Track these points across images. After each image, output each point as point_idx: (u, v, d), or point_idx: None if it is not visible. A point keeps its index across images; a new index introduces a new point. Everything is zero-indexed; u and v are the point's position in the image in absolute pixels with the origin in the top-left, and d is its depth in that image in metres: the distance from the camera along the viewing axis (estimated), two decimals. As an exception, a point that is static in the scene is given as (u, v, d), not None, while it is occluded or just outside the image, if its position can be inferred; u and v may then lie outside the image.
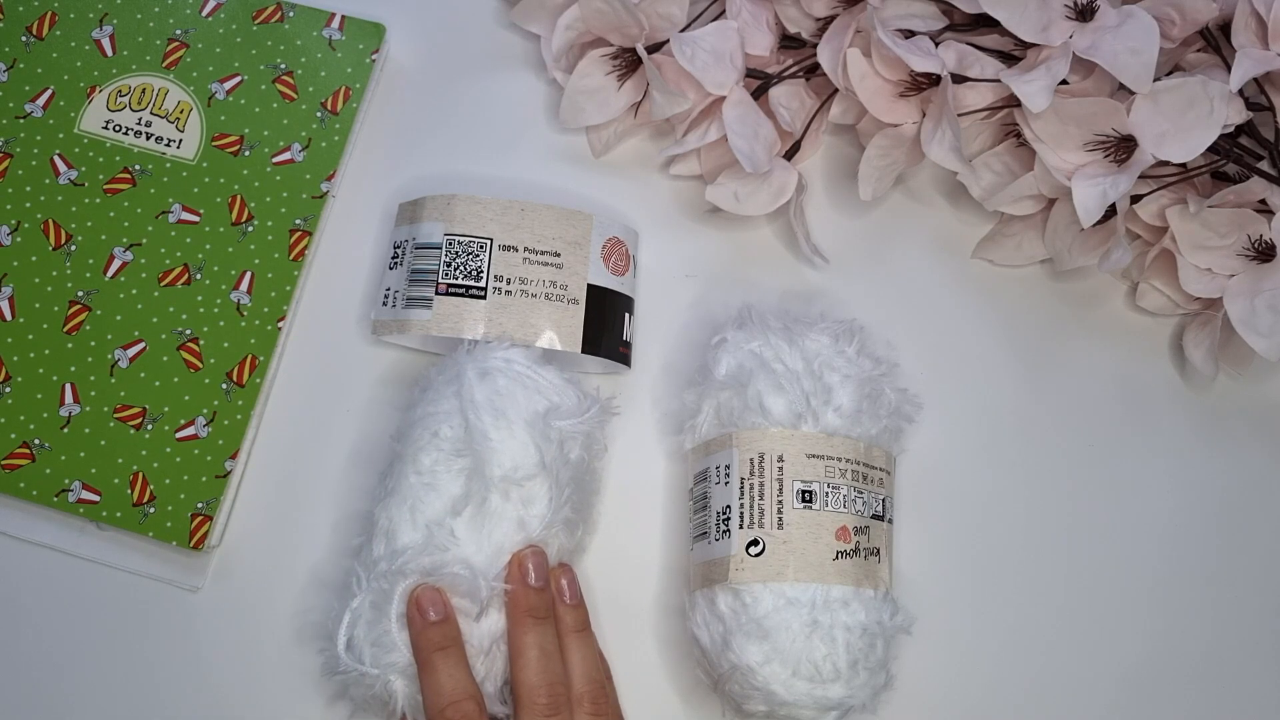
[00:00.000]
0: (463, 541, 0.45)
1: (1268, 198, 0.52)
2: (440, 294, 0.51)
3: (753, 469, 0.47)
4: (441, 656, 0.43)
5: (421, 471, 0.46)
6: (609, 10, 0.52)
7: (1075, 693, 0.51)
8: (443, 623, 0.44)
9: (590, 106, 0.56)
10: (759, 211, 0.54)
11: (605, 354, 0.52)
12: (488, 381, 0.47)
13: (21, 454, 0.51)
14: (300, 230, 0.55)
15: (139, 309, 0.53)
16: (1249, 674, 0.52)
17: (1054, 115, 0.50)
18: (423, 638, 0.44)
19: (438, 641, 0.43)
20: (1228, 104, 0.48)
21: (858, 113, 0.56)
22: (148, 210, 0.55)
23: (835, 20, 0.53)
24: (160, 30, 0.58)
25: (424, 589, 0.44)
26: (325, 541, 0.51)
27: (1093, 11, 0.50)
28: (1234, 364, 0.55)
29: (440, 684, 0.43)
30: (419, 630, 0.44)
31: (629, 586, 0.51)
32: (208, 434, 0.52)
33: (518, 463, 0.46)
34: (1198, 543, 0.54)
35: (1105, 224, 0.52)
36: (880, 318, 0.55)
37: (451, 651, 0.44)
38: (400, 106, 0.59)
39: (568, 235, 0.53)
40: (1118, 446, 0.55)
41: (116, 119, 0.56)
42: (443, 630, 0.44)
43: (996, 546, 0.53)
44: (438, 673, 0.43)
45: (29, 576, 0.51)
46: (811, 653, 0.45)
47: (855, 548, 0.47)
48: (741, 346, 0.50)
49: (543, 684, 0.43)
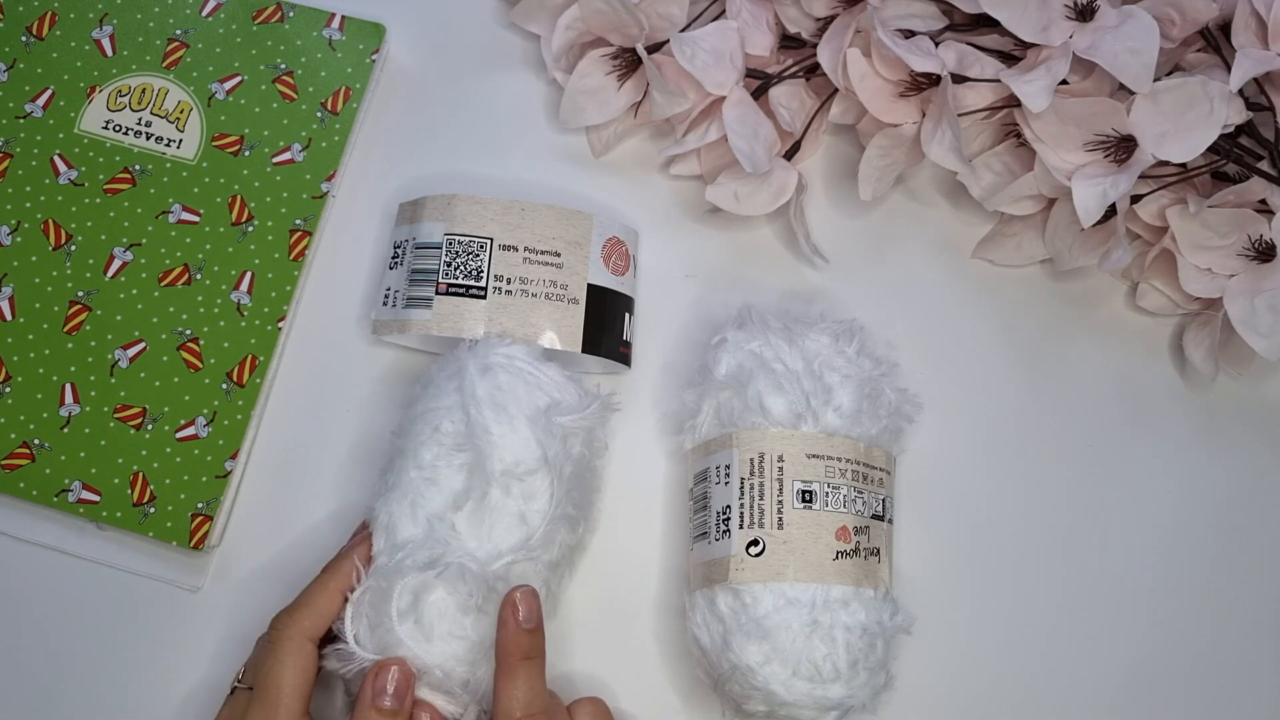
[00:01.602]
0: (463, 536, 0.45)
1: (1268, 198, 0.52)
2: (440, 294, 0.51)
3: (753, 469, 0.47)
4: (525, 665, 0.43)
5: (422, 466, 0.46)
6: (609, 10, 0.52)
7: (1075, 693, 0.51)
8: (534, 631, 0.44)
9: (590, 106, 0.56)
10: (759, 211, 0.54)
11: (605, 354, 0.52)
12: (489, 377, 0.47)
13: (21, 454, 0.51)
14: (300, 230, 0.55)
15: (139, 309, 0.53)
16: (1249, 674, 0.52)
17: (1054, 115, 0.50)
18: (513, 642, 0.43)
19: (526, 650, 0.43)
20: (1228, 104, 0.48)
21: (858, 113, 0.56)
22: (148, 210, 0.55)
23: (835, 20, 0.53)
24: (160, 30, 0.58)
25: (525, 592, 0.44)
26: (325, 541, 0.51)
27: (1093, 11, 0.50)
28: (1234, 364, 0.55)
29: (518, 693, 0.43)
30: (510, 633, 0.43)
31: (629, 586, 0.51)
32: (208, 434, 0.52)
33: (519, 458, 0.46)
34: (1197, 542, 0.54)
35: (1105, 224, 0.52)
36: (880, 318, 0.55)
37: (536, 662, 0.44)
38: (400, 106, 0.59)
39: (568, 235, 0.53)
40: (1118, 446, 0.55)
41: (116, 119, 0.56)
42: (533, 639, 0.44)
43: (996, 546, 0.53)
44: (518, 681, 0.43)
45: (29, 576, 0.51)
46: (811, 653, 0.45)
47: (855, 548, 0.47)
48: (741, 346, 0.50)
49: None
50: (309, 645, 0.44)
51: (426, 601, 0.44)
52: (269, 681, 0.43)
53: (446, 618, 0.44)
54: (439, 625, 0.44)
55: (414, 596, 0.44)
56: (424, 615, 0.44)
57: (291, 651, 0.43)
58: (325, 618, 0.45)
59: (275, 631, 0.44)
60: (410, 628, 0.44)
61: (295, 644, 0.44)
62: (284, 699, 0.43)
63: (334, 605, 0.45)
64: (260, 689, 0.43)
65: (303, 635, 0.44)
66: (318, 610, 0.45)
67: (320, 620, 0.45)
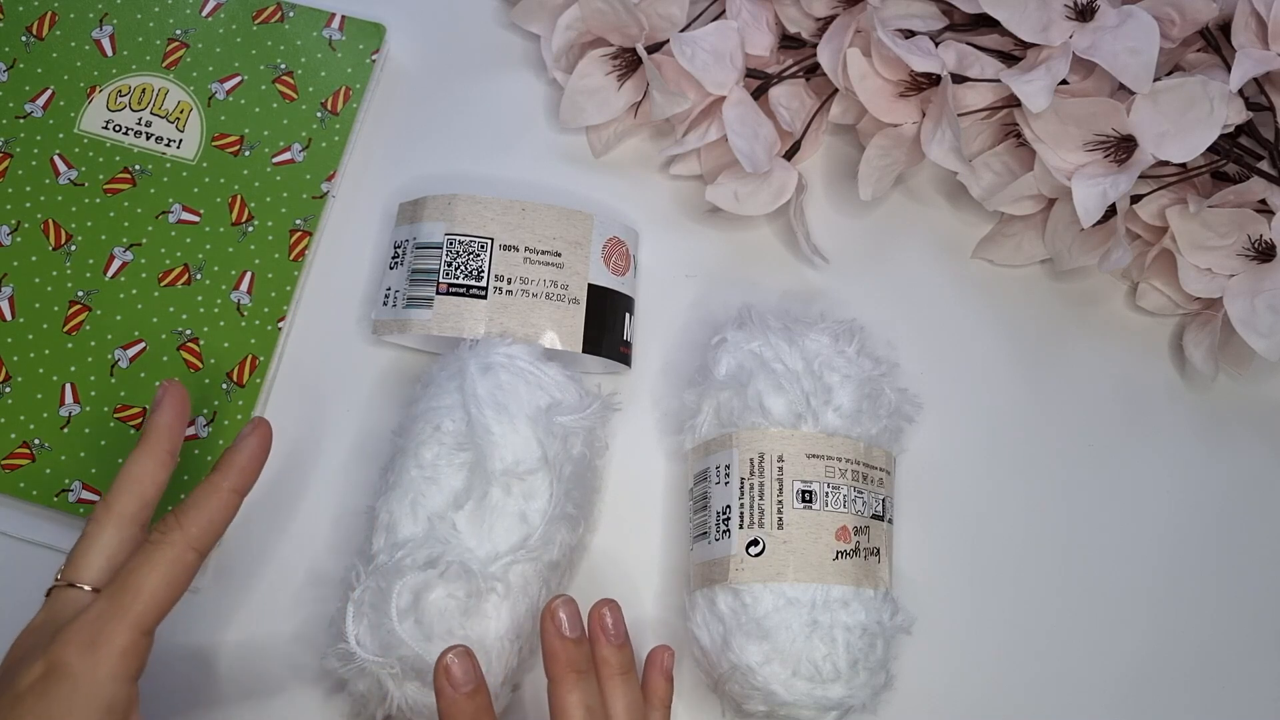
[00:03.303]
0: (464, 535, 0.45)
1: (1268, 198, 0.52)
2: (441, 293, 0.51)
3: (753, 469, 0.47)
4: (577, 678, 0.41)
5: (423, 465, 0.46)
6: (609, 10, 0.52)
7: (1075, 693, 0.51)
8: (580, 642, 0.42)
9: (590, 106, 0.56)
10: (759, 211, 0.54)
11: (606, 354, 0.52)
12: (490, 376, 0.47)
13: (21, 454, 0.51)
14: (300, 230, 0.55)
15: (139, 309, 0.53)
16: (1249, 674, 0.52)
17: (1054, 115, 0.50)
18: (564, 652, 0.41)
19: (578, 663, 0.42)
20: (1228, 104, 0.48)
21: (858, 113, 0.56)
22: (148, 210, 0.55)
23: (835, 20, 0.53)
24: (160, 30, 0.58)
25: (564, 601, 0.42)
26: (325, 541, 0.51)
27: (1093, 11, 0.50)
28: (1234, 364, 0.55)
29: (571, 708, 0.41)
30: (559, 644, 0.41)
31: (629, 586, 0.51)
32: (208, 434, 0.52)
33: (519, 457, 0.46)
34: (1197, 542, 0.54)
35: (1105, 224, 0.52)
36: (880, 318, 0.55)
37: (589, 676, 0.42)
38: (400, 106, 0.59)
39: (568, 235, 0.53)
40: (1118, 446, 0.55)
41: (116, 119, 0.56)
42: (583, 650, 0.42)
43: (996, 546, 0.53)
44: (573, 694, 0.41)
45: (29, 576, 0.51)
46: (811, 653, 0.45)
47: (855, 548, 0.47)
48: (741, 346, 0.50)
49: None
50: (192, 556, 0.39)
51: (426, 600, 0.44)
52: (130, 583, 0.38)
53: (446, 617, 0.44)
54: (439, 624, 0.44)
55: (414, 596, 0.44)
56: (424, 614, 0.44)
57: (171, 559, 0.38)
58: (218, 526, 0.40)
59: (159, 533, 0.39)
60: (410, 627, 0.44)
61: (177, 551, 0.38)
62: (140, 606, 0.37)
63: (229, 512, 0.41)
64: (116, 589, 0.38)
65: (188, 544, 0.39)
66: (210, 517, 0.40)
67: (213, 530, 0.40)
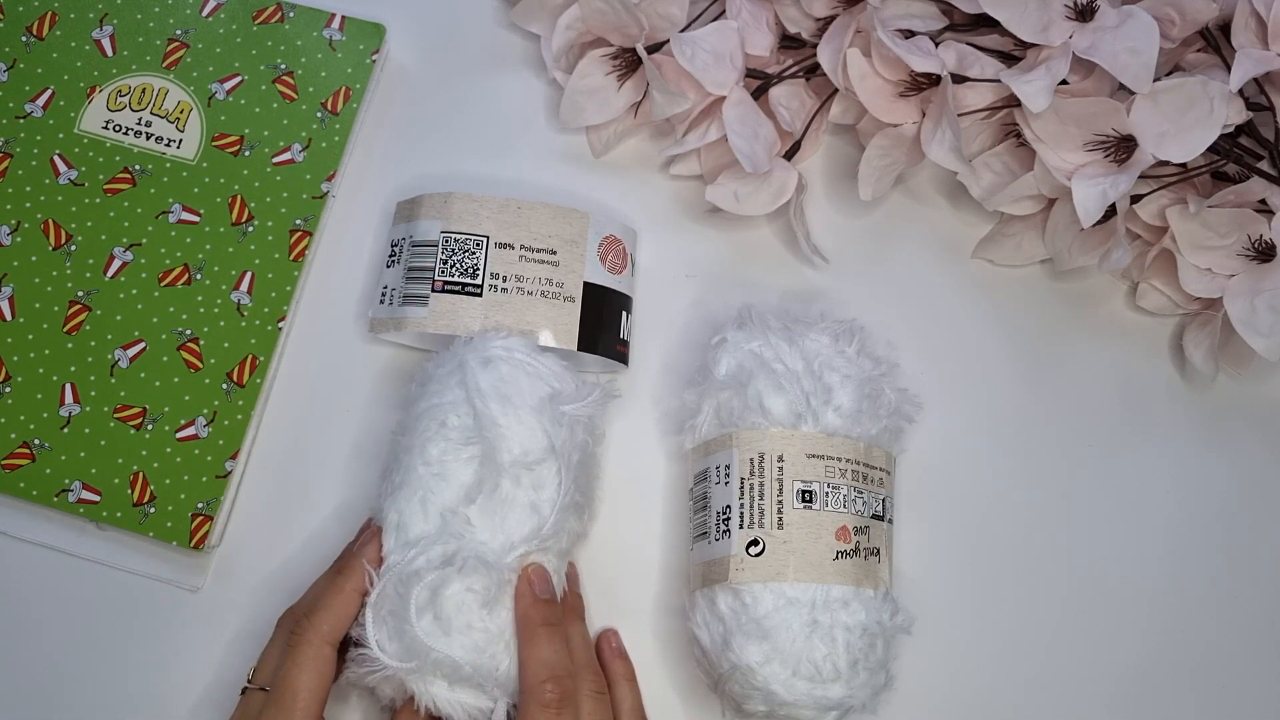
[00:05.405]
0: (477, 529, 0.46)
1: (1268, 198, 0.52)
2: (437, 291, 0.51)
3: (753, 469, 0.47)
4: (546, 630, 0.45)
5: (430, 462, 0.46)
6: (609, 10, 0.52)
7: (1075, 693, 0.51)
8: (551, 601, 0.46)
9: (590, 106, 0.56)
10: (759, 211, 0.54)
11: (602, 352, 0.52)
12: (491, 369, 0.47)
13: (21, 454, 0.51)
14: (300, 230, 0.55)
15: (139, 309, 0.53)
16: (1249, 674, 0.52)
17: (1054, 115, 0.50)
18: (532, 610, 0.45)
19: (545, 616, 0.45)
20: (1228, 104, 0.48)
21: (858, 113, 0.56)
22: (148, 210, 0.55)
23: (835, 20, 0.53)
24: (160, 30, 0.58)
25: (535, 568, 0.46)
26: (326, 541, 0.51)
27: (1093, 11, 0.50)
28: (1234, 364, 0.55)
29: (541, 655, 0.44)
30: (528, 603, 0.45)
31: (629, 586, 0.51)
32: (208, 434, 0.52)
33: (527, 447, 0.46)
34: (1198, 542, 0.54)
35: (1105, 224, 0.52)
36: (880, 318, 0.55)
37: (557, 629, 0.45)
38: (400, 106, 0.59)
39: (564, 233, 0.53)
40: (1118, 446, 0.55)
41: (116, 119, 0.56)
42: (551, 607, 0.46)
43: (996, 546, 0.53)
44: (539, 644, 0.45)
45: (29, 576, 0.51)
46: (811, 653, 0.45)
47: (855, 548, 0.47)
48: (741, 346, 0.50)
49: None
50: (328, 650, 0.44)
51: (444, 596, 0.44)
52: (286, 685, 0.43)
53: (465, 611, 0.44)
54: (457, 619, 0.44)
55: (432, 592, 0.44)
56: (442, 610, 0.44)
57: (311, 657, 0.44)
58: (344, 621, 0.45)
59: (295, 635, 0.44)
60: (429, 623, 0.44)
61: (314, 649, 0.44)
62: (300, 703, 0.43)
63: (351, 608, 0.45)
64: (277, 692, 0.43)
65: (321, 640, 0.44)
66: (336, 614, 0.45)
67: (339, 624, 0.45)
